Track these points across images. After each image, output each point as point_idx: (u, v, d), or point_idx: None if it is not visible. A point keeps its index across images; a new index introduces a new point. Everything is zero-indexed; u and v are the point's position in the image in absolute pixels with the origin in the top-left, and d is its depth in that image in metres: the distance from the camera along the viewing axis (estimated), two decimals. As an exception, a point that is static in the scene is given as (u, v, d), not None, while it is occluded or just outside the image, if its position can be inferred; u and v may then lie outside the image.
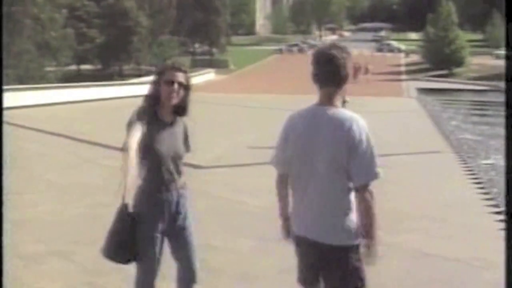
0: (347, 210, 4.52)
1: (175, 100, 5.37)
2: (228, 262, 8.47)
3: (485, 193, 13.69)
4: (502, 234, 10.19)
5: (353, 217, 4.52)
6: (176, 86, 5.36)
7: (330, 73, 4.58)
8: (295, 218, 4.77)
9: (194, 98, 5.33)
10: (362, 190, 4.40)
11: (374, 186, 4.41)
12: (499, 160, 19.42)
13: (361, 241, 4.51)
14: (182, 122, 5.60)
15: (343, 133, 4.41)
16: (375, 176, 4.41)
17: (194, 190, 13.27)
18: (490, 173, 17.40)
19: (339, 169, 4.44)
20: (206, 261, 8.32)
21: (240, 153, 18.80)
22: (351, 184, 4.46)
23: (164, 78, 5.36)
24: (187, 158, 5.11)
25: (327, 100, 4.59)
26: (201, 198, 12.66)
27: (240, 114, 34.84)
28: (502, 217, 11.38)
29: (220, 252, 8.87)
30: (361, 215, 4.45)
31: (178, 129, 5.53)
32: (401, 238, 9.77)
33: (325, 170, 4.49)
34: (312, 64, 4.66)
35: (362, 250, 4.51)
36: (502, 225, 10.82)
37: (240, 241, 9.34)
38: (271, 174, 5.00)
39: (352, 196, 4.51)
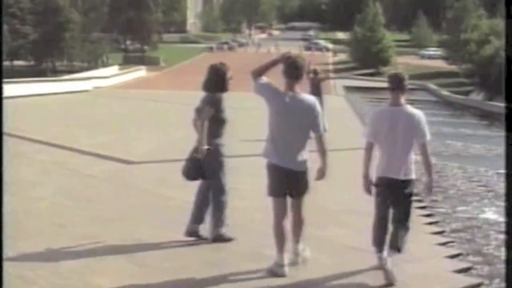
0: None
1: None
2: (157, 257, 8.58)
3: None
4: (428, 228, 10.59)
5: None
6: None
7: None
8: (385, 166, 7.85)
9: (125, 95, 5.48)
10: (423, 147, 7.80)
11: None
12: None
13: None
14: None
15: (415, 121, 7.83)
16: (427, 139, 7.80)
17: (124, 185, 13.44)
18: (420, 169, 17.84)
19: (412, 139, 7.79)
20: (134, 256, 8.50)
21: (170, 148, 18.88)
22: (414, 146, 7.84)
23: None
24: (118, 153, 5.19)
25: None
26: (132, 193, 12.79)
27: (170, 111, 34.84)
28: (426, 211, 11.79)
29: (149, 247, 8.97)
30: (425, 163, 7.87)
31: None
32: (330, 232, 10.01)
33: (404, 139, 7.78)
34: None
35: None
36: (426, 219, 11.22)
37: (169, 236, 9.45)
38: None
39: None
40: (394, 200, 7.84)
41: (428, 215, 11.60)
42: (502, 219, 12.06)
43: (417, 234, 9.30)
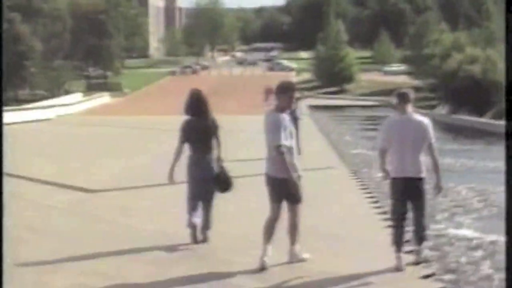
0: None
1: None
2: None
3: (378, 207, 13.75)
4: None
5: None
6: None
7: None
8: (397, 166, 9.03)
9: (88, 122, 5.14)
10: (432, 151, 9.08)
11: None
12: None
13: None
14: None
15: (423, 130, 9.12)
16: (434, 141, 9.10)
17: (85, 215, 13.00)
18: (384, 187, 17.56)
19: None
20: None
21: (132, 175, 18.45)
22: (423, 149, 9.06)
23: None
24: (78, 181, 4.90)
25: None
26: (93, 223, 12.32)
27: (132, 136, 34.43)
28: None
29: (112, 278, 8.57)
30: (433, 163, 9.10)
31: None
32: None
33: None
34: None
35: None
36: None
37: (132, 266, 9.06)
38: (163, 195, 4.93)
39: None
40: (410, 195, 9.02)
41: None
42: (475, 234, 11.76)
43: (387, 254, 9.10)
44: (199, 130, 10.23)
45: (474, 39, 78.30)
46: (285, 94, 8.92)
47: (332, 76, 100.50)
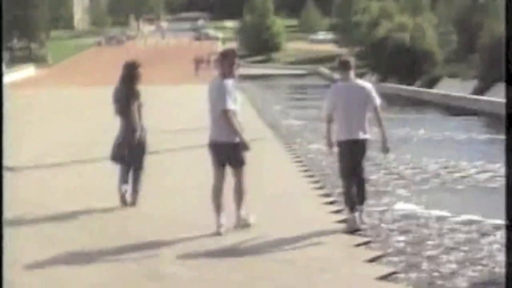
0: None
1: None
2: (39, 280, 7.51)
3: (315, 182, 13.21)
4: (338, 226, 9.71)
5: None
6: None
7: None
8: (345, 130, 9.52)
9: (10, 96, 4.42)
10: (377, 114, 9.60)
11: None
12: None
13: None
14: None
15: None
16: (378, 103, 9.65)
17: (7, 195, 12.10)
18: (318, 158, 17.05)
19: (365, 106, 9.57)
20: (12, 282, 7.31)
21: (57, 153, 17.56)
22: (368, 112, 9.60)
23: None
24: None
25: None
26: (11, 205, 11.41)
27: (57, 109, 33.31)
28: (334, 207, 10.89)
29: (32, 272, 7.85)
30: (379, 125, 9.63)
31: None
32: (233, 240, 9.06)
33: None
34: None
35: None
36: (336, 216, 10.33)
37: (50, 253, 8.34)
38: (89, 172, 4.27)
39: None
40: (353, 156, 9.56)
41: (337, 211, 10.70)
42: (419, 210, 11.26)
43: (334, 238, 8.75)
44: (122, 97, 10.75)
45: (401, 7, 78.46)
46: (228, 60, 9.19)
47: (259, 45, 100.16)
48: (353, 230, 9.37)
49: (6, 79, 62.76)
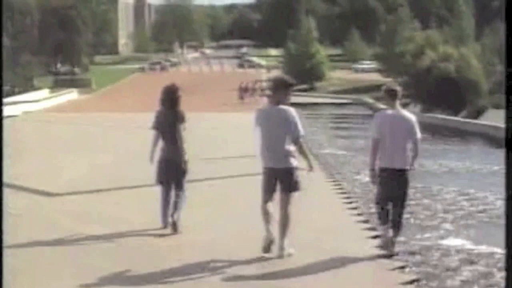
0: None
1: None
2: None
3: (358, 215, 12.88)
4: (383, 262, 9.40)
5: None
6: None
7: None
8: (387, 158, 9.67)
9: (55, 119, 4.23)
10: (416, 146, 9.82)
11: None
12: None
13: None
14: None
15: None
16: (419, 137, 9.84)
17: (42, 221, 11.97)
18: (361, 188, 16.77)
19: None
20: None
21: (96, 177, 17.41)
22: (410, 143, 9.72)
23: None
24: (39, 184, 4.27)
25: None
26: (49, 231, 11.25)
27: (101, 134, 33.31)
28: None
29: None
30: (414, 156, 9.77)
31: None
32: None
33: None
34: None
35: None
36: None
37: (87, 282, 8.13)
38: (128, 199, 4.07)
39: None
40: (393, 185, 9.66)
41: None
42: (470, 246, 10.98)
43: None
44: (168, 121, 10.88)
45: (446, 37, 77.86)
46: (285, 89, 9.25)
47: (303, 74, 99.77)
48: (386, 247, 9.66)
49: (50, 102, 63.35)
